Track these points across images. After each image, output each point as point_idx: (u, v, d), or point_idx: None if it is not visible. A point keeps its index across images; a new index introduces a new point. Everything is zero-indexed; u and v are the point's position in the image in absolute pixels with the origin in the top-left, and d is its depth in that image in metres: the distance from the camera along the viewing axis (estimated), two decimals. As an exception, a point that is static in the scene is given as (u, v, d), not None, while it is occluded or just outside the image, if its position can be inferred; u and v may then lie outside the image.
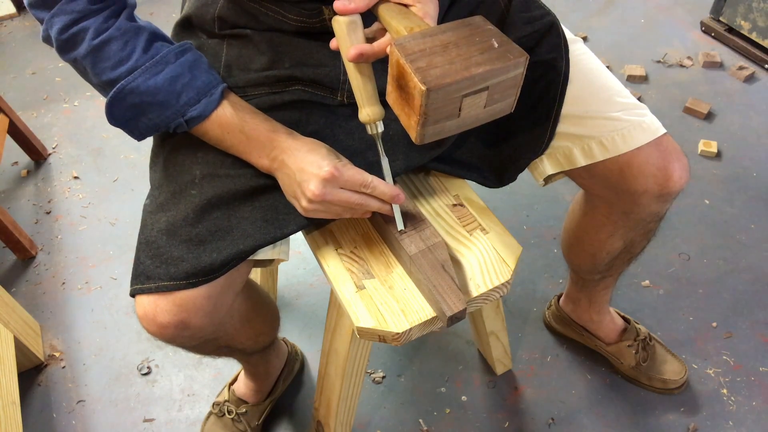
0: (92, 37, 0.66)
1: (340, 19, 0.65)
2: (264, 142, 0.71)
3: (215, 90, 0.71)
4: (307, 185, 0.68)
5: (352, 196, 0.70)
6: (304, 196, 0.69)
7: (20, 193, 1.70)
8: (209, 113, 0.71)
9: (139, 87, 0.67)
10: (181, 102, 0.69)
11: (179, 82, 0.69)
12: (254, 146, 0.72)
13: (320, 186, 0.68)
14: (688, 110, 1.74)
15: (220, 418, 1.15)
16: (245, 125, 0.71)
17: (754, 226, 1.46)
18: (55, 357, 1.33)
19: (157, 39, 0.71)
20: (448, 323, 0.70)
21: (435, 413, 1.19)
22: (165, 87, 0.68)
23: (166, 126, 0.71)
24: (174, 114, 0.70)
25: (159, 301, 0.70)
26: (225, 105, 0.72)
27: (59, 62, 2.11)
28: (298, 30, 0.76)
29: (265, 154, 0.72)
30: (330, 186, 0.68)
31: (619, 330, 1.19)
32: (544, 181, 0.87)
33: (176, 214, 0.73)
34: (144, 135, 0.73)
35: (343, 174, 0.68)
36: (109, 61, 0.67)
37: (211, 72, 0.72)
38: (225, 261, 0.71)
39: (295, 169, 0.69)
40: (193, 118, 0.71)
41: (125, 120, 0.71)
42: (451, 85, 0.56)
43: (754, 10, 1.81)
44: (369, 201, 0.72)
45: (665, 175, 0.78)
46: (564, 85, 0.81)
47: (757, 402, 1.17)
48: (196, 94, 0.70)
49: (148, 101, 0.69)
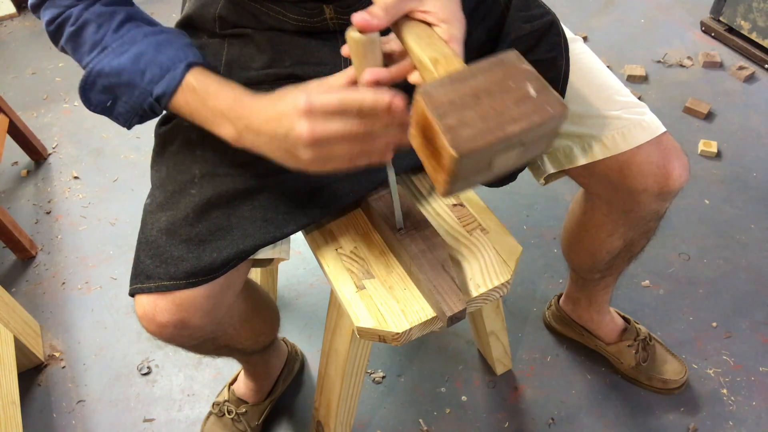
0: (72, 23, 0.67)
1: (356, 37, 0.57)
2: (225, 110, 0.65)
3: (179, 64, 0.67)
4: (292, 132, 0.58)
5: (347, 125, 0.58)
6: (298, 143, 0.59)
7: (20, 193, 1.70)
8: (173, 89, 0.67)
9: (104, 68, 0.66)
10: (145, 80, 0.67)
11: (143, 59, 0.66)
12: (218, 117, 0.66)
13: (305, 123, 0.57)
14: (688, 110, 1.74)
15: (220, 418, 1.15)
16: (208, 98, 0.66)
17: (754, 226, 1.46)
18: (55, 357, 1.33)
19: (131, 20, 0.69)
20: (448, 323, 0.70)
21: (435, 413, 1.19)
22: (128, 66, 0.66)
23: (141, 108, 0.69)
24: (142, 94, 0.67)
25: (158, 300, 0.70)
26: (188, 79, 0.67)
27: (59, 62, 2.11)
28: (299, 29, 0.76)
29: (228, 122, 0.65)
30: (315, 119, 0.57)
31: (619, 330, 1.19)
32: (545, 181, 0.87)
33: (176, 213, 0.73)
34: (129, 121, 0.71)
35: (318, 99, 0.57)
36: (85, 45, 0.67)
37: (182, 49, 0.68)
38: (225, 261, 0.71)
39: (273, 126, 0.60)
40: (160, 96, 0.67)
41: (104, 106, 0.70)
42: (485, 148, 0.49)
43: (754, 10, 1.81)
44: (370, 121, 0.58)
45: (665, 174, 0.78)
46: (564, 84, 0.81)
47: (757, 402, 1.17)
48: (160, 69, 0.66)
49: (115, 82, 0.67)
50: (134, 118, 0.70)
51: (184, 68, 0.67)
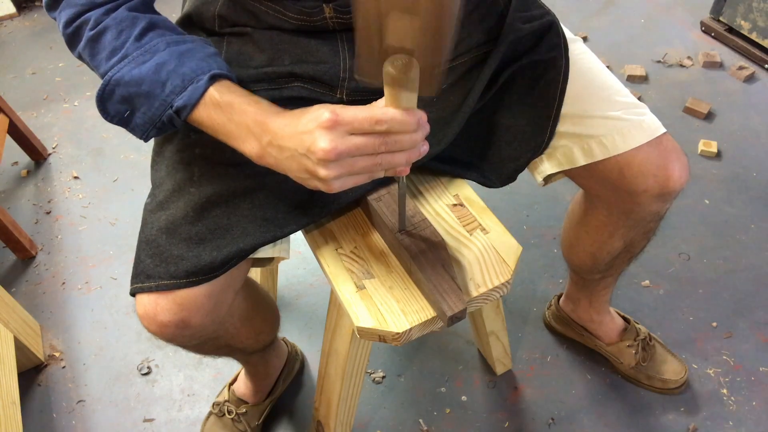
0: (90, 28, 0.66)
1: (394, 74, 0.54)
2: (251, 126, 0.63)
3: (202, 76, 0.64)
4: (314, 146, 0.57)
5: (369, 139, 0.57)
6: (317, 162, 0.57)
7: (20, 193, 1.70)
8: (195, 101, 0.64)
9: (124, 77, 0.64)
10: (166, 91, 0.64)
11: (164, 69, 0.64)
12: (242, 133, 0.64)
13: (326, 138, 0.56)
14: (688, 110, 1.74)
15: (220, 418, 1.15)
16: (233, 113, 0.64)
17: (754, 226, 1.46)
18: (55, 357, 1.33)
19: (154, 28, 0.67)
20: (449, 323, 0.70)
21: (435, 413, 1.19)
22: (149, 76, 0.64)
23: (159, 120, 0.66)
24: (161, 105, 0.65)
25: (159, 300, 0.70)
26: (212, 92, 0.65)
27: (59, 62, 2.11)
28: (299, 28, 0.76)
29: (253, 138, 0.63)
30: (337, 134, 0.56)
31: (619, 330, 1.19)
32: (544, 181, 0.87)
33: (176, 212, 0.73)
34: (146, 133, 0.68)
35: (345, 113, 0.56)
36: (104, 52, 0.66)
37: (205, 60, 0.66)
38: (225, 259, 0.71)
39: (295, 141, 0.59)
40: (181, 108, 0.65)
41: (121, 117, 0.67)
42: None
43: (754, 10, 1.81)
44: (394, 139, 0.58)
45: (665, 175, 0.78)
46: (564, 85, 0.81)
47: (757, 402, 1.17)
48: (182, 81, 0.64)
49: (135, 92, 0.65)
50: (152, 130, 0.68)
51: (207, 80, 0.64)
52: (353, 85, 0.77)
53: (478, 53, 0.82)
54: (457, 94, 0.82)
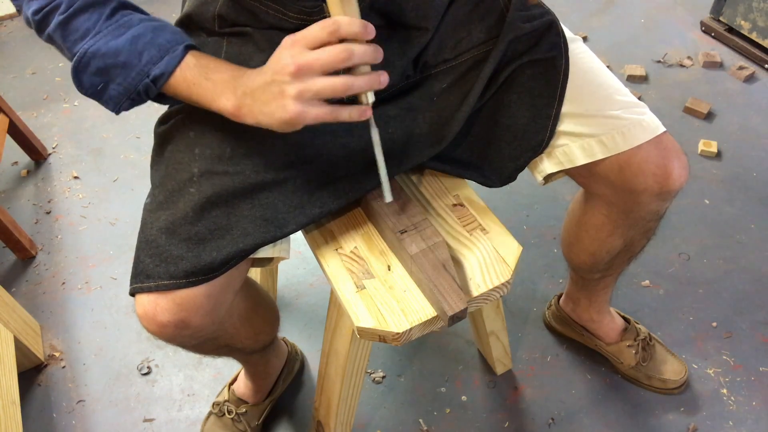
0: (61, 12, 0.67)
1: None
2: (227, 80, 0.67)
3: (178, 46, 0.68)
4: (278, 66, 0.62)
5: (325, 50, 0.61)
6: (283, 81, 0.62)
7: (20, 193, 1.70)
8: (173, 69, 0.67)
9: (100, 49, 0.66)
10: (143, 61, 0.66)
11: (140, 41, 0.66)
12: (218, 88, 0.67)
13: (289, 56, 0.61)
14: (688, 110, 1.74)
15: (220, 418, 1.15)
16: (209, 72, 0.68)
17: (754, 226, 1.46)
18: (55, 357, 1.33)
19: (124, 8, 0.69)
20: (449, 323, 0.70)
21: (435, 413, 1.19)
22: (126, 47, 0.66)
23: (135, 90, 0.68)
24: (138, 75, 0.67)
25: (159, 300, 0.70)
26: (188, 59, 0.68)
27: (59, 62, 2.11)
28: (299, 27, 0.76)
29: (229, 91, 0.66)
30: (297, 50, 0.61)
31: (619, 330, 1.19)
32: (544, 180, 0.87)
33: (175, 212, 0.73)
34: (118, 105, 0.70)
35: (300, 35, 0.62)
36: (77, 33, 0.67)
37: (179, 33, 0.69)
38: (225, 260, 0.71)
39: (264, 76, 0.64)
40: (158, 77, 0.67)
41: (95, 89, 0.69)
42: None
43: (754, 10, 1.81)
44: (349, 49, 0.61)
45: (665, 174, 0.78)
46: (564, 83, 0.81)
47: (757, 402, 1.17)
48: (158, 51, 0.67)
49: (111, 63, 0.66)
50: (125, 101, 0.70)
51: (183, 49, 0.68)
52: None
53: (478, 52, 0.82)
54: (457, 94, 0.82)
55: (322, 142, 0.78)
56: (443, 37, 0.81)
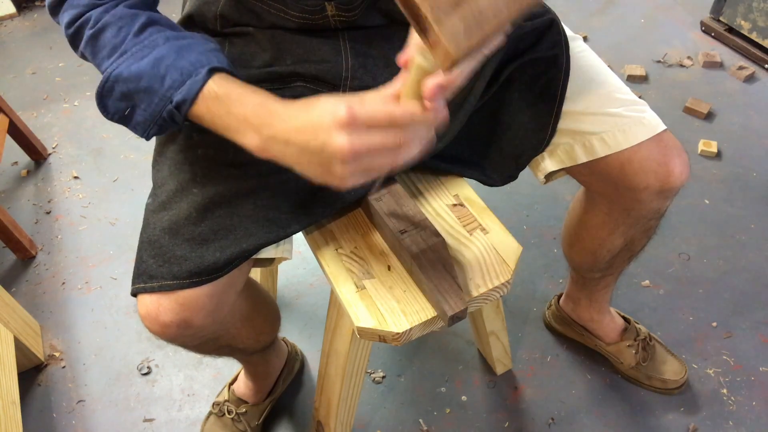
0: (91, 26, 0.65)
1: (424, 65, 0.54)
2: (250, 117, 0.61)
3: (201, 69, 0.63)
4: (330, 143, 0.55)
5: (388, 136, 0.55)
6: (333, 162, 0.56)
7: (20, 193, 1.70)
8: (194, 95, 0.62)
9: (122, 73, 0.63)
10: (165, 85, 0.63)
11: (163, 63, 0.62)
12: (241, 125, 0.62)
13: (344, 136, 0.54)
14: (688, 110, 1.74)
15: (220, 418, 1.15)
16: (231, 104, 0.62)
17: (754, 226, 1.46)
18: (55, 357, 1.33)
19: (153, 24, 0.66)
20: (449, 323, 0.70)
21: (435, 413, 1.19)
22: (148, 70, 0.62)
23: (160, 116, 0.64)
24: (161, 100, 0.63)
25: (162, 300, 0.70)
26: (210, 85, 0.63)
27: (59, 62, 2.11)
28: (301, 27, 0.76)
29: (252, 130, 0.61)
30: (355, 131, 0.54)
31: (619, 330, 1.19)
32: (545, 179, 0.87)
33: (178, 212, 0.73)
34: (147, 131, 0.66)
35: (361, 111, 0.54)
36: (104, 50, 0.65)
37: (205, 54, 0.64)
38: (228, 260, 0.71)
39: (306, 137, 0.57)
40: (180, 103, 0.63)
41: (122, 114, 0.66)
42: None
43: (754, 10, 1.81)
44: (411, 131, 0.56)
45: (666, 171, 0.78)
46: (565, 82, 0.81)
47: (757, 402, 1.17)
48: (180, 75, 0.62)
49: (134, 88, 0.63)
50: (153, 127, 0.66)
51: (206, 74, 0.63)
52: (356, 83, 0.78)
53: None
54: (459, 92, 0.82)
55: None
56: (444, 37, 0.81)
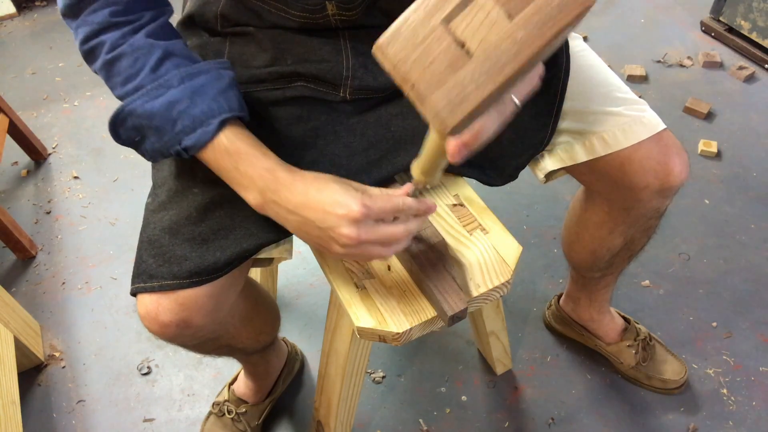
0: (107, 52, 0.66)
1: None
2: (256, 179, 0.65)
3: (213, 120, 0.65)
4: (338, 231, 0.61)
5: (390, 228, 0.63)
6: (335, 243, 0.63)
7: (20, 193, 1.70)
8: (203, 144, 0.65)
9: (136, 110, 0.65)
10: (176, 129, 0.65)
11: (176, 108, 0.64)
12: (246, 182, 0.66)
13: (354, 228, 0.61)
14: (688, 110, 1.74)
15: (219, 418, 1.15)
16: (240, 161, 0.66)
17: (754, 226, 1.46)
18: (55, 357, 1.33)
19: (170, 57, 0.67)
20: (449, 323, 0.70)
21: (435, 413, 1.19)
22: (161, 112, 0.64)
23: (167, 152, 0.67)
24: (171, 140, 0.66)
25: (161, 299, 0.70)
26: (222, 138, 0.65)
27: (59, 62, 2.11)
28: (302, 26, 0.76)
29: (256, 190, 0.66)
30: (364, 225, 0.61)
31: (619, 330, 1.19)
32: (546, 178, 0.87)
33: (179, 212, 0.73)
34: (153, 158, 0.69)
35: (373, 207, 0.61)
36: (119, 77, 0.66)
37: (216, 99, 0.66)
38: (228, 260, 0.71)
39: (312, 215, 0.63)
40: (188, 148, 0.66)
41: (132, 141, 0.68)
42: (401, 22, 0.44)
43: (754, 10, 1.81)
44: (409, 226, 0.65)
45: (666, 170, 0.79)
46: (565, 81, 0.81)
47: (757, 402, 1.17)
48: (192, 122, 0.65)
49: (146, 125, 0.65)
50: (160, 157, 0.69)
51: (217, 126, 0.65)
52: (356, 83, 0.78)
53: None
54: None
55: (324, 142, 0.79)
56: (444, 36, 0.82)
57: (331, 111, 0.80)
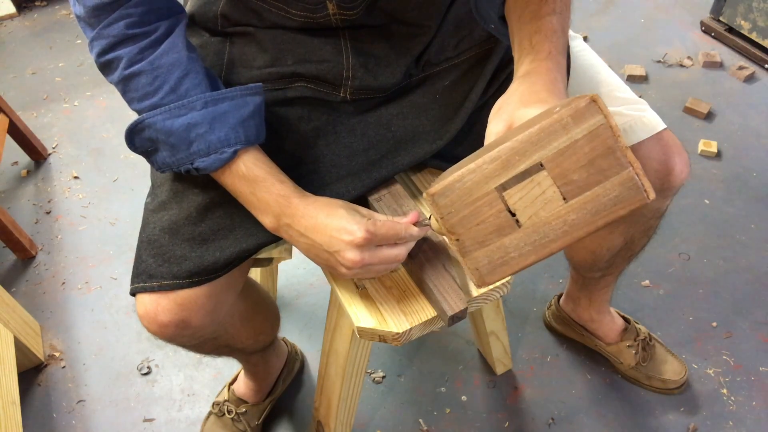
0: (124, 67, 0.66)
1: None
2: (272, 205, 0.68)
3: (227, 149, 0.67)
4: (343, 255, 0.66)
5: (392, 251, 0.68)
6: (341, 265, 0.67)
7: (20, 193, 1.70)
8: (215, 169, 0.68)
9: (155, 123, 0.66)
10: (191, 150, 0.67)
11: (194, 131, 0.66)
12: (262, 206, 0.69)
13: (357, 253, 0.65)
14: (688, 110, 1.74)
15: (219, 418, 1.15)
16: (257, 188, 0.68)
17: (754, 226, 1.46)
18: (55, 357, 1.33)
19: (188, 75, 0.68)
20: (450, 323, 0.70)
21: (435, 413, 1.19)
22: (179, 132, 0.66)
23: (178, 167, 0.69)
24: (184, 158, 0.68)
25: (160, 299, 0.70)
26: (240, 164, 0.68)
27: (59, 62, 2.11)
28: (302, 26, 0.76)
29: (272, 214, 0.69)
30: (367, 250, 0.66)
31: (619, 330, 1.19)
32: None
33: (178, 212, 0.73)
34: (162, 169, 0.71)
35: (376, 234, 0.66)
36: (137, 93, 0.67)
37: (235, 129, 0.67)
38: (228, 260, 0.71)
39: (320, 237, 0.67)
40: (200, 169, 0.68)
41: (145, 150, 0.70)
42: (457, 179, 0.48)
43: (754, 10, 1.81)
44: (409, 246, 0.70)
45: (666, 170, 0.79)
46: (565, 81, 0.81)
47: (757, 402, 1.17)
48: (207, 147, 0.67)
49: (162, 139, 0.67)
50: (169, 170, 0.71)
51: (232, 154, 0.67)
52: (357, 83, 0.78)
53: (480, 50, 0.82)
54: (460, 91, 0.82)
55: (325, 142, 0.79)
56: (445, 36, 0.81)
57: (332, 111, 0.80)
